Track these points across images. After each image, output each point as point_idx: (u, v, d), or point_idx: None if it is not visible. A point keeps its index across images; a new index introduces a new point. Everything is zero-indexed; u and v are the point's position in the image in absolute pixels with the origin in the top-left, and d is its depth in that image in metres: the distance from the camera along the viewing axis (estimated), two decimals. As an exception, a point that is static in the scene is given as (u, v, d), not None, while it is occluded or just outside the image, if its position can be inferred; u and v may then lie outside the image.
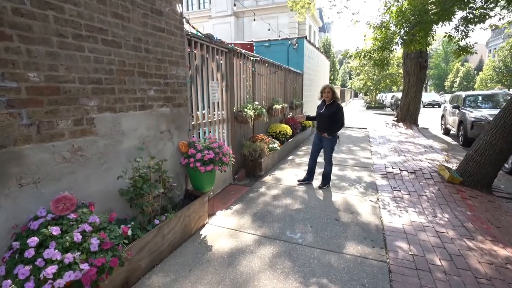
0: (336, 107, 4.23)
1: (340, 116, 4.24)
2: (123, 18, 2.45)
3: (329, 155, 4.46)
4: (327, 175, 4.53)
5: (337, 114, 4.22)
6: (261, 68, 6.05)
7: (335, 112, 4.22)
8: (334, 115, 4.22)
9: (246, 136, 5.46)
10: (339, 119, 4.24)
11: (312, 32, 28.96)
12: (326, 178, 4.54)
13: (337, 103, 4.26)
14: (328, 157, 4.46)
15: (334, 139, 4.41)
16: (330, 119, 4.25)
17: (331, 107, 4.26)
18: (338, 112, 4.22)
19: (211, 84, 4.04)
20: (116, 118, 2.45)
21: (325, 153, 4.47)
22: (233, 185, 4.77)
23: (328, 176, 4.54)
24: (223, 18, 25.91)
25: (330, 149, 4.44)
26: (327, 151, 4.45)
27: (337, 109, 4.22)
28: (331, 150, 4.45)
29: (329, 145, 4.41)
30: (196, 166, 3.06)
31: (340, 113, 4.24)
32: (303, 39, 9.93)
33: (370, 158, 6.59)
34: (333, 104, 4.27)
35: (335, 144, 4.44)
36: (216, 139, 3.50)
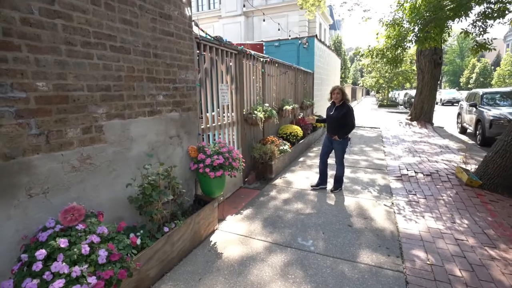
0: (346, 109, 4.10)
1: (350, 118, 4.11)
2: (131, 23, 2.43)
3: (341, 157, 4.34)
4: (339, 178, 4.42)
5: (347, 116, 4.09)
6: (271, 69, 5.97)
7: (345, 114, 4.09)
8: (344, 118, 4.10)
9: (257, 138, 5.40)
10: (349, 122, 4.11)
11: (322, 30, 28.62)
12: (338, 181, 4.44)
13: (347, 105, 4.14)
14: (340, 160, 4.35)
15: (345, 141, 4.29)
16: (340, 122, 4.13)
17: (340, 109, 4.14)
18: (348, 114, 4.09)
19: (220, 87, 3.99)
20: (125, 124, 2.43)
21: (336, 156, 4.36)
22: (243, 189, 4.72)
23: (340, 179, 4.43)
24: (233, 18, 25.90)
25: (342, 152, 4.32)
26: (338, 154, 4.34)
27: (347, 111, 4.09)
28: (342, 153, 4.33)
29: (340, 148, 4.29)
30: (206, 172, 3.02)
31: (350, 115, 4.11)
32: (313, 38, 9.79)
33: (384, 160, 6.42)
34: (343, 106, 4.15)
35: (346, 146, 4.32)
36: (226, 143, 3.45)
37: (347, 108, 4.10)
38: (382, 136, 9.62)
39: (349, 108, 4.11)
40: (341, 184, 4.47)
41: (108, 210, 2.32)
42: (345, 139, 4.26)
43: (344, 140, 4.25)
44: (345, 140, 4.26)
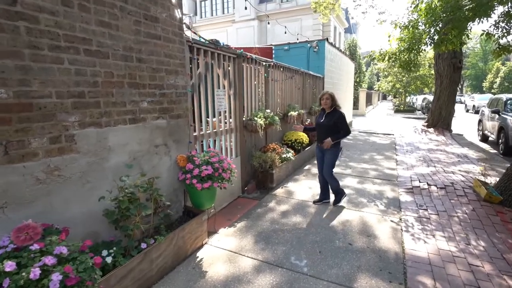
0: (338, 115, 3.82)
1: (343, 124, 3.82)
2: (110, 26, 2.29)
3: (330, 169, 3.98)
4: (336, 191, 4.09)
5: (340, 123, 3.81)
6: (275, 73, 5.76)
7: (337, 122, 3.80)
8: (336, 125, 3.81)
9: (258, 145, 5.19)
10: (343, 128, 3.83)
11: (337, 34, 28.14)
12: (336, 194, 4.11)
13: (339, 111, 3.85)
14: (328, 172, 3.98)
15: (337, 150, 3.96)
16: (332, 129, 3.84)
17: (331, 116, 3.85)
18: (340, 120, 3.81)
19: (216, 92, 3.82)
20: (102, 133, 2.29)
21: (325, 167, 4.00)
22: (241, 198, 4.51)
23: (338, 191, 4.10)
24: (246, 22, 25.93)
25: (331, 163, 3.96)
26: (328, 165, 3.98)
27: (338, 118, 3.81)
28: (331, 165, 3.97)
29: (330, 158, 3.94)
30: (193, 183, 2.84)
31: (342, 121, 3.81)
32: (324, 41, 9.51)
33: (395, 169, 6.04)
34: (333, 112, 3.86)
35: (337, 157, 3.97)
36: (218, 152, 3.26)
37: (339, 114, 3.81)
38: (396, 143, 9.18)
39: (340, 114, 3.82)
40: (341, 195, 4.14)
41: (81, 225, 2.17)
42: (336, 148, 3.93)
43: (336, 149, 3.93)
44: (336, 150, 3.94)
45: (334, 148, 3.89)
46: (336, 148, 3.91)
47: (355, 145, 8.85)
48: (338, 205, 4.09)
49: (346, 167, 6.25)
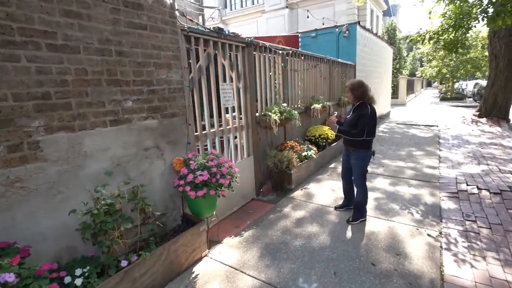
0: (360, 113, 3.11)
1: (362, 123, 3.08)
2: (80, 16, 2.01)
3: (359, 178, 3.30)
4: (359, 205, 3.39)
5: (359, 120, 3.11)
6: (295, 62, 5.23)
7: (358, 117, 3.13)
8: (356, 122, 3.15)
9: (275, 142, 4.75)
10: (359, 127, 3.10)
11: (374, 17, 26.11)
12: (357, 210, 3.40)
13: (365, 107, 3.13)
14: (358, 181, 3.32)
15: (364, 155, 3.22)
16: (353, 128, 3.19)
17: (357, 112, 3.19)
18: (361, 117, 3.09)
19: (222, 86, 3.45)
20: (75, 138, 2.04)
21: (354, 174, 3.38)
22: (255, 201, 4.13)
23: (361, 206, 3.39)
24: (276, 12, 25.14)
25: (360, 170, 3.27)
26: (355, 172, 3.33)
27: (361, 114, 3.10)
28: (361, 171, 3.27)
29: (358, 164, 3.26)
30: (186, 191, 2.52)
31: (363, 120, 3.07)
32: (355, 25, 8.64)
33: (437, 168, 5.22)
34: (360, 107, 3.18)
35: (366, 163, 3.27)
36: (218, 154, 2.90)
37: (364, 111, 3.11)
38: (440, 136, 8.11)
39: (364, 112, 3.10)
40: (360, 214, 3.37)
41: (53, 240, 1.97)
42: (364, 151, 3.20)
43: (363, 153, 3.22)
44: (364, 154, 3.22)
45: (360, 150, 3.21)
46: (362, 151, 3.21)
47: (391, 139, 7.97)
48: (353, 223, 3.34)
49: (378, 165, 5.56)
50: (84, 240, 1.98)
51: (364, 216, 3.38)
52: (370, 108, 3.12)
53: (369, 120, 3.08)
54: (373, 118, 3.11)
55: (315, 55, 5.99)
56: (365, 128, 3.08)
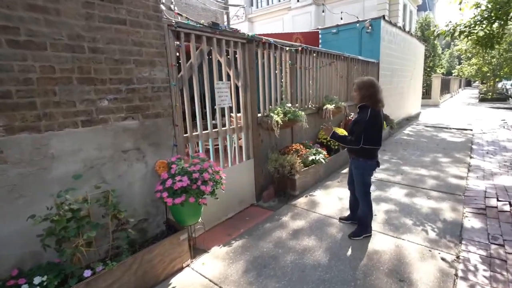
0: (362, 115, 2.72)
1: (358, 128, 2.72)
2: (47, 11, 1.90)
3: (360, 189, 2.93)
4: (361, 219, 3.02)
5: (355, 125, 2.78)
6: (306, 60, 4.90)
7: (354, 122, 2.81)
8: (351, 127, 2.84)
9: (281, 145, 4.48)
10: (354, 132, 2.76)
11: (407, 13, 24.59)
12: (360, 224, 3.04)
13: (366, 110, 2.69)
14: (359, 192, 2.95)
15: (364, 165, 2.85)
16: (350, 132, 2.88)
17: (357, 115, 2.84)
18: (357, 122, 2.76)
19: (216, 85, 3.25)
20: (41, 139, 1.94)
21: (355, 185, 3.01)
22: (254, 207, 3.90)
23: (364, 221, 2.99)
24: (302, 9, 24.58)
25: (360, 180, 2.91)
26: (356, 182, 2.97)
27: (358, 118, 2.77)
28: (361, 182, 2.91)
29: (357, 173, 2.91)
30: (163, 197, 2.35)
31: (358, 124, 2.73)
32: (379, 20, 8.05)
33: (464, 178, 4.64)
34: (361, 109, 2.80)
35: (367, 174, 2.88)
36: (204, 158, 2.71)
37: (362, 115, 2.73)
38: (473, 141, 7.33)
39: (363, 114, 2.71)
40: (364, 229, 3.00)
41: (14, 245, 1.89)
42: (360, 160, 2.84)
43: (360, 162, 2.85)
44: (362, 164, 2.84)
45: (360, 159, 2.84)
46: (362, 160, 2.84)
47: (416, 143, 7.34)
48: (354, 238, 2.99)
49: (396, 172, 5.08)
50: (44, 247, 1.88)
51: (368, 232, 3.01)
52: (370, 112, 2.67)
53: (366, 126, 2.68)
54: (372, 123, 2.68)
55: (330, 51, 5.61)
56: (361, 134, 2.69)
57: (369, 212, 2.98)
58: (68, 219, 1.92)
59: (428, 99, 18.60)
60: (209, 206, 3.18)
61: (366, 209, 2.95)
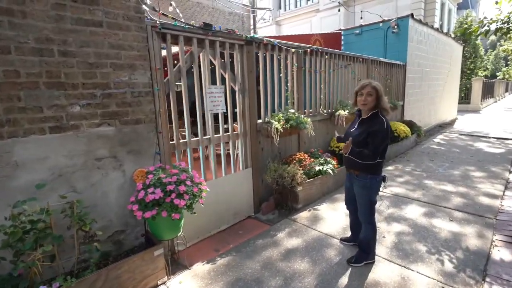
0: (377, 127, 2.33)
1: (375, 143, 2.32)
2: (11, 13, 1.83)
3: (366, 211, 2.52)
4: (363, 244, 2.62)
5: (372, 139, 2.34)
6: (317, 62, 4.57)
7: (369, 133, 2.35)
8: (366, 140, 2.37)
9: (286, 153, 4.19)
10: (370, 147, 2.34)
11: (445, 12, 22.94)
12: (361, 249, 2.65)
13: (381, 119, 2.37)
14: (364, 215, 2.54)
15: (372, 182, 2.43)
16: (359, 147, 2.40)
17: (368, 125, 2.41)
18: (375, 135, 2.32)
19: (208, 89, 3.07)
20: (3, 146, 1.87)
21: (358, 206, 2.60)
22: (251, 220, 3.65)
23: (366, 246, 2.60)
24: (331, 10, 23.93)
25: (366, 201, 2.49)
26: (360, 204, 2.56)
27: (376, 130, 2.32)
28: (367, 203, 2.49)
29: (363, 194, 2.49)
30: (133, 210, 2.19)
31: (376, 138, 2.32)
32: (407, 19, 7.46)
33: (499, 197, 4.03)
34: (373, 119, 2.40)
35: (375, 191, 2.47)
36: (185, 167, 2.52)
37: (379, 124, 2.34)
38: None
39: (380, 124, 2.34)
40: (367, 254, 2.61)
41: (-28, 256, 1.81)
42: (371, 177, 2.42)
43: (367, 180, 2.43)
44: (369, 181, 2.43)
45: (367, 175, 2.43)
46: (370, 176, 2.42)
47: (446, 153, 6.63)
48: (353, 265, 2.60)
49: (417, 186, 4.55)
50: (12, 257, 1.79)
51: (370, 258, 2.63)
52: (386, 120, 2.38)
53: (384, 137, 2.34)
54: (388, 134, 2.37)
55: (346, 53, 5.21)
56: (380, 148, 2.34)
57: (373, 235, 2.60)
58: (26, 230, 1.82)
59: (467, 104, 17.10)
60: (198, 218, 3.01)
61: (370, 233, 2.58)
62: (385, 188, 3.82)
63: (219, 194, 3.27)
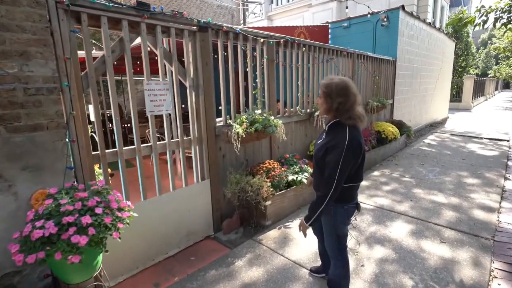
0: (333, 136, 1.74)
1: (333, 159, 1.67)
2: None
3: (332, 244, 1.96)
4: (332, 284, 2.09)
5: (328, 153, 1.72)
6: (293, 55, 4.00)
7: (327, 149, 1.73)
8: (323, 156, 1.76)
9: (254, 161, 3.62)
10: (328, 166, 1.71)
11: (438, 8, 22.56)
12: None
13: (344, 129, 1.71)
14: (331, 248, 1.98)
15: (337, 211, 1.84)
16: (318, 166, 1.84)
17: (328, 137, 1.79)
18: (331, 149, 1.70)
19: (148, 86, 2.47)
20: None
21: (325, 236, 2.02)
22: (209, 241, 3.08)
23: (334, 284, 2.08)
24: (323, 5, 23.34)
25: (331, 231, 1.93)
26: (325, 234, 2.00)
27: (333, 146, 1.69)
28: (332, 234, 1.93)
29: (327, 222, 1.92)
30: (11, 252, 1.59)
31: (333, 153, 1.68)
32: (397, 11, 6.94)
33: (495, 211, 3.54)
34: (333, 129, 1.78)
35: (342, 222, 1.89)
36: (104, 187, 1.92)
37: (338, 138, 1.70)
38: (509, 156, 6.03)
39: (339, 137, 1.69)
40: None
41: None
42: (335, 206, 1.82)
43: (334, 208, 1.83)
44: (336, 209, 1.84)
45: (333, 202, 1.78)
46: (337, 204, 1.82)
47: (437, 156, 6.16)
48: None
49: (404, 197, 4.05)
50: None
51: (344, 301, 2.08)
52: (349, 133, 1.69)
53: (346, 155, 1.65)
54: (354, 151, 1.67)
55: (328, 46, 4.65)
56: (337, 170, 1.66)
57: (345, 274, 2.05)
58: None
59: (459, 102, 16.81)
60: (137, 243, 2.45)
61: (340, 271, 2.02)
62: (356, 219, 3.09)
63: (165, 213, 2.69)
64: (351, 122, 1.73)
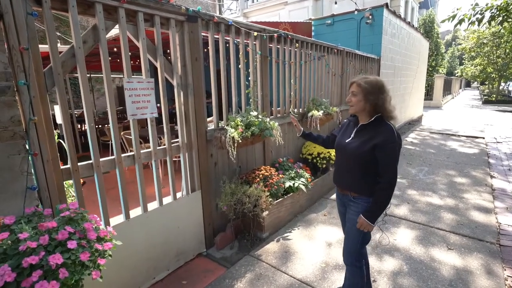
0: (386, 135, 1.60)
1: (388, 163, 1.60)
2: None
3: (355, 247, 1.78)
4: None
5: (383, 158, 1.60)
6: (286, 51, 3.72)
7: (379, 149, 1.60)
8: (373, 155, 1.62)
9: (247, 167, 3.31)
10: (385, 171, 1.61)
11: (409, 9, 23.42)
12: None
13: (389, 127, 1.62)
14: (352, 253, 1.81)
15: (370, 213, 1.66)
16: (364, 163, 1.66)
17: (371, 133, 1.65)
18: (385, 152, 1.59)
19: (128, 84, 2.07)
20: None
21: (347, 237, 1.84)
22: (202, 259, 2.74)
23: None
24: (300, 3, 23.37)
25: (357, 233, 1.74)
26: (349, 235, 1.80)
27: (385, 142, 1.59)
28: (358, 236, 1.75)
29: (354, 221, 1.73)
30: None
31: (388, 157, 1.59)
32: (381, 9, 6.90)
33: (492, 211, 3.51)
34: (376, 125, 1.65)
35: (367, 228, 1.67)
36: (81, 211, 1.53)
37: (389, 134, 1.60)
38: (489, 153, 6.20)
39: (390, 133, 1.60)
40: None
41: None
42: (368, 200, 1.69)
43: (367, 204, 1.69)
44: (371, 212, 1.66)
45: (368, 198, 1.69)
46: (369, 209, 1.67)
47: (422, 155, 6.20)
48: None
49: (401, 199, 3.94)
50: None
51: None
52: (394, 128, 1.64)
53: (398, 150, 1.63)
54: (400, 146, 1.64)
55: (320, 42, 4.42)
56: (396, 164, 1.62)
57: (362, 283, 1.82)
58: None
59: (430, 100, 17.51)
60: (118, 272, 2.05)
61: (358, 281, 1.80)
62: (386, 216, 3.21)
63: (152, 233, 2.31)
64: (392, 116, 1.68)
